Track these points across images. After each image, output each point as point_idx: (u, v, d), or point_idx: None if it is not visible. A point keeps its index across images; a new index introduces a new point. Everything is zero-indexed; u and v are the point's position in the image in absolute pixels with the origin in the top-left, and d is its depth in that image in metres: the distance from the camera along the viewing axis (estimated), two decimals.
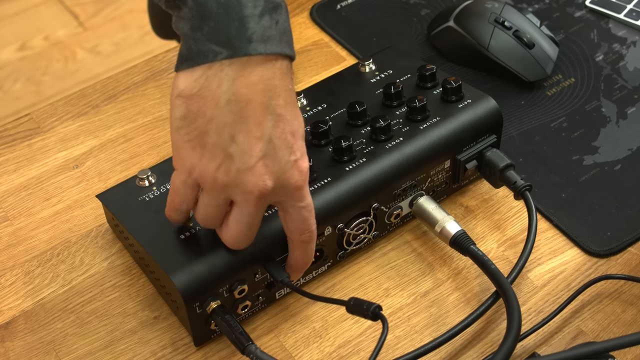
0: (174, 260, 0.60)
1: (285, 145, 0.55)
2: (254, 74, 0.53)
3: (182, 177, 0.56)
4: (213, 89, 0.53)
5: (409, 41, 0.89)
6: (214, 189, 0.55)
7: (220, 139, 0.53)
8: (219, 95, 0.53)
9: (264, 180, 0.54)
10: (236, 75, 0.52)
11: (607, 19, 0.91)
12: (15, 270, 0.69)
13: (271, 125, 0.54)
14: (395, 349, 0.64)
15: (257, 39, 0.52)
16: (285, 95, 0.54)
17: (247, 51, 0.52)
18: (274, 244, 0.62)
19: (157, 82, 0.85)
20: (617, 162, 0.76)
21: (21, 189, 0.75)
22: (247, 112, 0.53)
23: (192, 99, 0.53)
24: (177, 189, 0.57)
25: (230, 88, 0.52)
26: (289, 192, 0.56)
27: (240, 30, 0.52)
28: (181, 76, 0.54)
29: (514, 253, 0.70)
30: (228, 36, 0.52)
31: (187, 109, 0.53)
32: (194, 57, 0.53)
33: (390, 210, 0.68)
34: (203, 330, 0.62)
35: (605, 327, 0.65)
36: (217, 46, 0.52)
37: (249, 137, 0.53)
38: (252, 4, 0.52)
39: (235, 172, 0.54)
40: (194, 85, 0.53)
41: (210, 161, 0.54)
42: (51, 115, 0.82)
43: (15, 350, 0.64)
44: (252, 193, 0.55)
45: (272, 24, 0.53)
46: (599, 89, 0.83)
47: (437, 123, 0.69)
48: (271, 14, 0.53)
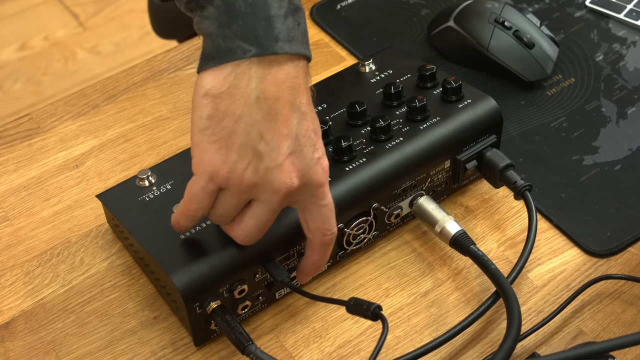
0: (174, 260, 0.60)
1: (309, 143, 0.55)
2: (281, 72, 0.53)
3: (202, 182, 0.55)
4: (242, 86, 0.53)
5: (409, 41, 0.89)
6: (239, 189, 0.55)
7: (248, 138, 0.53)
8: (249, 92, 0.53)
9: (292, 177, 0.54)
10: (264, 73, 0.53)
11: (607, 19, 0.91)
12: (15, 270, 0.69)
13: (297, 123, 0.54)
14: (395, 349, 0.64)
15: (283, 39, 0.53)
16: (307, 94, 0.55)
17: (275, 50, 0.53)
18: (274, 244, 0.62)
19: (157, 82, 0.85)
20: (617, 162, 0.76)
21: (21, 189, 0.75)
22: (276, 109, 0.53)
23: (220, 97, 0.53)
24: (195, 195, 0.56)
25: (259, 85, 0.53)
26: (312, 190, 0.56)
27: (267, 30, 0.53)
28: (207, 75, 0.53)
29: (514, 253, 0.70)
30: (256, 35, 0.52)
31: (215, 108, 0.53)
32: (222, 54, 0.53)
33: (390, 210, 0.68)
34: (203, 330, 0.62)
35: (605, 327, 0.65)
36: (245, 44, 0.52)
37: (277, 134, 0.54)
38: (278, 4, 0.53)
39: (264, 170, 0.54)
40: (222, 83, 0.53)
41: (239, 161, 0.54)
42: (51, 115, 0.82)
43: (15, 350, 0.64)
44: (280, 191, 0.55)
45: (295, 25, 0.54)
46: (599, 89, 0.83)
47: (437, 123, 0.69)
48: (294, 15, 0.54)
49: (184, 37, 1.15)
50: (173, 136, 0.80)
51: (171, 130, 0.80)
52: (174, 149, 0.78)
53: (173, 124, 0.81)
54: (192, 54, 0.88)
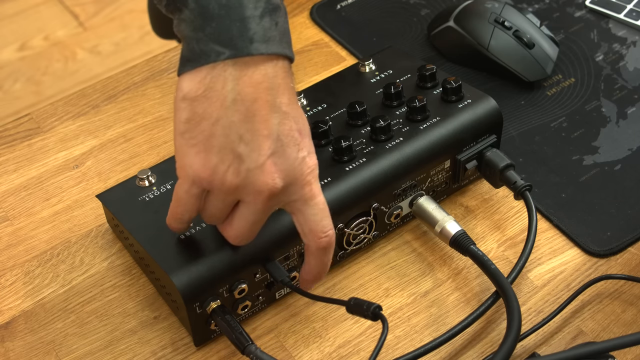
0: (174, 260, 0.60)
1: (293, 143, 0.55)
2: (257, 73, 0.53)
3: (185, 186, 0.55)
4: (218, 89, 0.52)
5: (409, 41, 0.89)
6: (222, 191, 0.55)
7: (227, 140, 0.53)
8: (225, 95, 0.52)
9: (274, 178, 0.54)
10: (240, 75, 0.53)
11: (607, 19, 0.91)
12: (15, 270, 0.69)
13: (277, 123, 0.54)
14: (395, 349, 0.64)
15: (259, 39, 0.53)
16: (288, 94, 0.54)
17: (249, 51, 0.52)
18: (274, 244, 0.62)
19: (157, 82, 0.85)
20: (617, 162, 0.76)
21: (21, 189, 0.75)
22: (254, 110, 0.53)
23: (197, 100, 0.53)
24: (180, 198, 0.56)
25: (235, 87, 0.52)
26: (298, 190, 0.56)
27: (242, 31, 0.52)
28: (185, 78, 0.53)
29: (514, 253, 0.70)
30: (230, 36, 0.52)
31: (193, 111, 0.53)
32: (196, 57, 0.53)
33: (390, 210, 0.68)
34: (203, 330, 0.62)
35: (605, 327, 0.65)
36: (219, 46, 0.52)
37: (257, 135, 0.53)
38: (253, 5, 0.53)
39: (245, 172, 0.54)
40: (198, 87, 0.53)
41: (219, 164, 0.54)
42: (51, 115, 0.82)
43: (15, 350, 0.64)
44: (262, 192, 0.54)
45: (272, 25, 0.53)
46: (599, 89, 0.83)
47: (437, 123, 0.69)
48: (271, 15, 0.53)
49: None
50: (173, 136, 0.79)
51: (171, 130, 0.80)
52: (174, 149, 0.78)
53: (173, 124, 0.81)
54: None
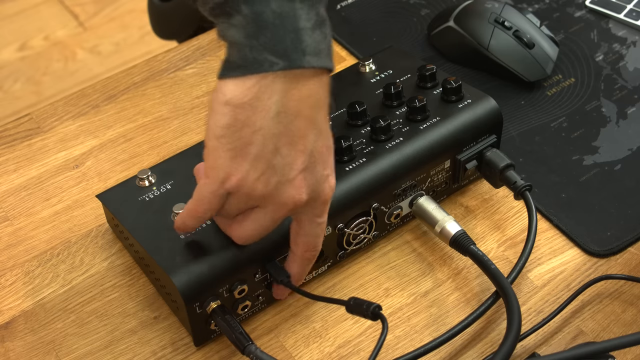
0: (174, 260, 0.60)
1: (322, 160, 0.56)
2: (306, 88, 0.53)
3: (213, 186, 0.55)
4: (265, 99, 0.52)
5: (409, 41, 0.89)
6: (247, 197, 0.55)
7: (264, 150, 0.53)
8: (270, 106, 0.52)
9: (301, 193, 0.55)
10: (288, 88, 0.52)
11: (607, 19, 0.91)
12: (15, 270, 0.69)
13: (314, 140, 0.54)
14: (395, 349, 0.64)
15: (311, 52, 0.52)
16: (325, 110, 0.55)
17: (302, 63, 0.52)
18: (274, 244, 0.62)
19: (157, 82, 0.85)
20: (617, 162, 0.76)
21: (21, 189, 0.75)
22: (295, 125, 0.53)
23: (241, 107, 0.52)
24: (204, 197, 0.56)
25: (282, 99, 0.52)
26: (316, 206, 0.57)
27: (296, 43, 0.52)
28: (230, 83, 0.53)
29: (514, 253, 0.70)
30: (284, 47, 0.52)
31: (235, 117, 0.53)
32: (248, 65, 0.52)
33: (390, 210, 0.68)
34: (203, 330, 0.62)
35: (605, 327, 0.65)
36: (273, 56, 0.52)
37: (294, 149, 0.54)
38: (306, 16, 0.52)
39: (275, 183, 0.54)
40: (245, 94, 0.52)
41: (251, 171, 0.54)
42: (51, 115, 0.82)
43: (15, 350, 0.64)
44: (287, 205, 0.55)
45: (322, 38, 0.53)
46: (599, 89, 0.83)
47: (437, 123, 0.69)
48: (321, 27, 0.53)
49: (183, 38, 1.15)
50: (173, 136, 0.80)
51: (171, 130, 0.80)
52: (174, 149, 0.78)
53: (173, 124, 0.81)
54: (192, 54, 0.88)
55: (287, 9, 0.51)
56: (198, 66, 0.87)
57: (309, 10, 0.52)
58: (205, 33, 0.91)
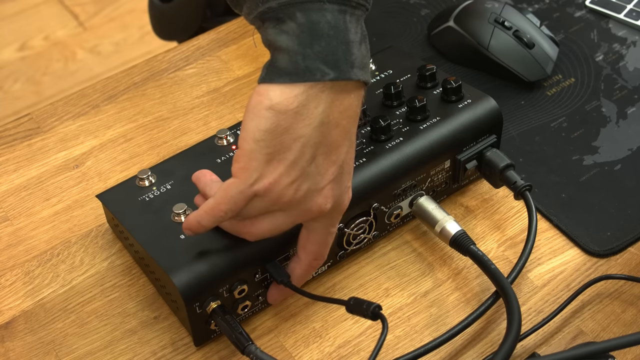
0: (174, 260, 0.60)
1: (348, 171, 0.57)
2: (347, 100, 0.54)
3: (242, 187, 0.55)
4: (311, 108, 0.53)
5: (409, 41, 0.89)
6: (275, 201, 0.55)
7: (301, 158, 0.54)
8: (315, 115, 0.53)
9: (327, 203, 0.56)
10: (334, 98, 0.53)
11: (607, 19, 0.91)
12: (15, 270, 0.69)
13: (345, 151, 0.55)
14: (395, 349, 0.64)
15: (358, 65, 0.53)
16: (356, 122, 0.56)
17: (350, 75, 0.53)
18: (274, 244, 0.62)
19: (157, 82, 0.85)
20: (617, 162, 0.76)
21: (21, 189, 0.75)
22: (332, 135, 0.54)
23: (285, 114, 0.52)
24: (231, 197, 0.55)
25: (326, 110, 0.53)
26: (333, 216, 0.58)
27: (346, 54, 0.53)
28: (276, 89, 0.53)
29: (514, 253, 0.70)
30: (336, 58, 0.52)
31: (277, 123, 0.53)
32: (300, 73, 0.52)
33: (390, 210, 0.68)
34: (203, 330, 0.62)
35: (605, 327, 0.65)
36: (325, 66, 0.52)
37: (328, 159, 0.55)
38: (354, 30, 0.53)
39: (305, 190, 0.55)
40: (292, 101, 0.52)
41: (284, 176, 0.54)
42: (51, 115, 0.82)
43: (15, 350, 0.64)
44: (311, 212, 0.56)
45: (367, 52, 0.55)
46: (599, 89, 0.83)
47: (437, 123, 0.69)
48: (365, 42, 0.54)
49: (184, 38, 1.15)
50: (173, 136, 0.80)
51: (171, 130, 0.80)
52: (174, 149, 0.78)
53: (173, 124, 0.81)
54: (192, 54, 0.88)
55: (340, 22, 0.52)
56: (198, 66, 0.87)
57: (356, 24, 0.53)
58: (205, 33, 0.91)
